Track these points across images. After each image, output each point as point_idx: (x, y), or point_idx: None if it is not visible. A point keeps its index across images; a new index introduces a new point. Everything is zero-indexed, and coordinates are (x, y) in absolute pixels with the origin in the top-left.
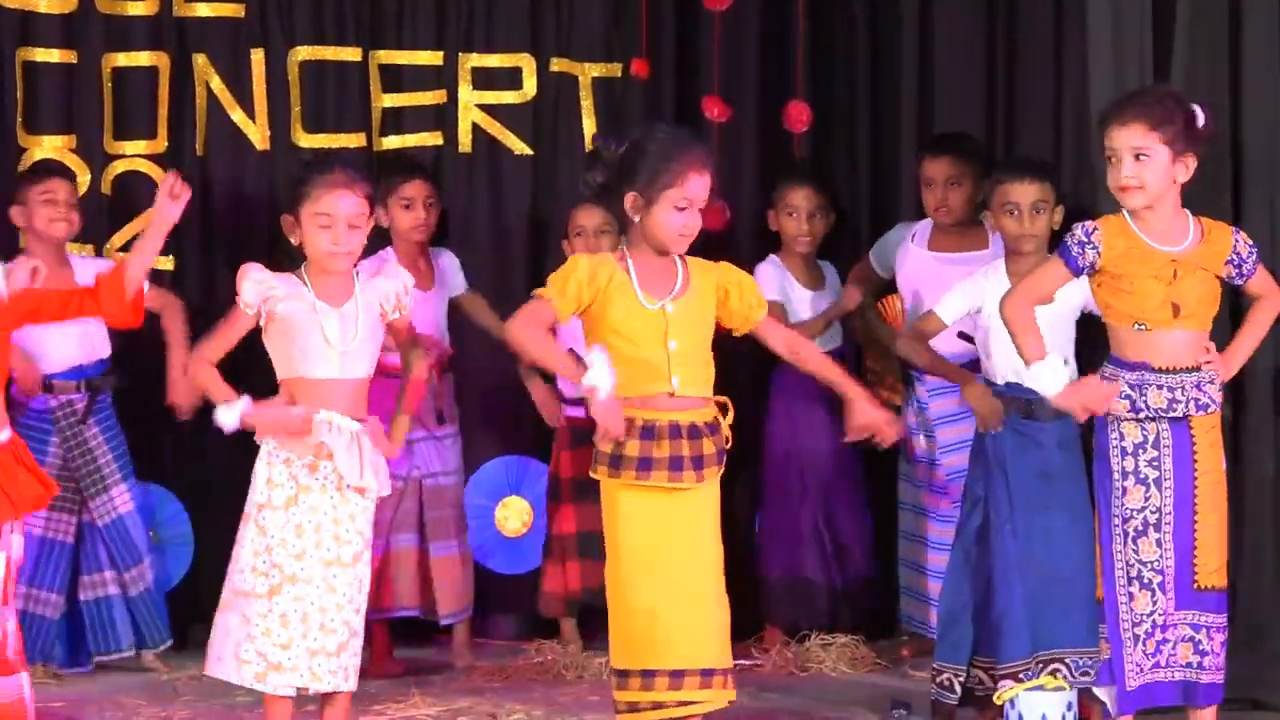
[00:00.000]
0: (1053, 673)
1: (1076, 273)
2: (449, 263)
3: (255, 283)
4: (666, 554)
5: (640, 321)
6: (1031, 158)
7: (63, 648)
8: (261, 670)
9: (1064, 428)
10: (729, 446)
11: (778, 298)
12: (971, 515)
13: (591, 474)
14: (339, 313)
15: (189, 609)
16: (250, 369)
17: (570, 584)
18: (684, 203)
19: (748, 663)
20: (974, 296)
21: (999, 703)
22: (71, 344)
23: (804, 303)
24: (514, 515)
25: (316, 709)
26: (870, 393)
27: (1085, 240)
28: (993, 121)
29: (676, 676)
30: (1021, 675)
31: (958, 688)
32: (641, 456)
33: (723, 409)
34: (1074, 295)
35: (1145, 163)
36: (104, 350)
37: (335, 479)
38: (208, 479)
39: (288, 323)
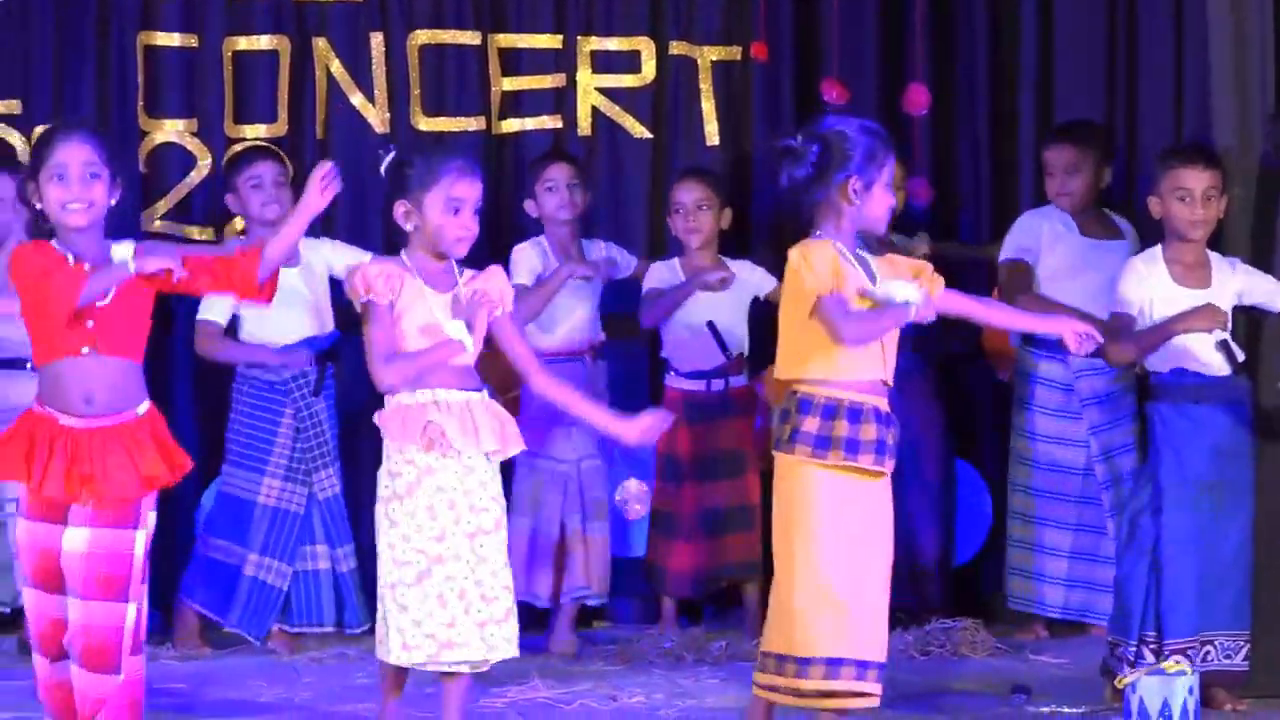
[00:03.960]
0: (1204, 655)
1: None
2: (605, 252)
3: (386, 277)
4: (864, 541)
5: (868, 306)
6: (1203, 144)
7: (244, 611)
8: (434, 651)
9: (1233, 411)
10: None
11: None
12: (1139, 490)
13: (776, 451)
14: (445, 298)
15: None
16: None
17: (699, 563)
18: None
19: None
20: (1143, 286)
21: (1119, 687)
22: (303, 315)
23: None
24: (633, 499)
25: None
26: None
27: None
28: (1114, 106)
29: (862, 667)
30: (1189, 652)
31: (1128, 661)
32: (849, 438)
33: None
34: (1234, 284)
35: None
36: (330, 323)
37: (455, 452)
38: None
39: (400, 308)
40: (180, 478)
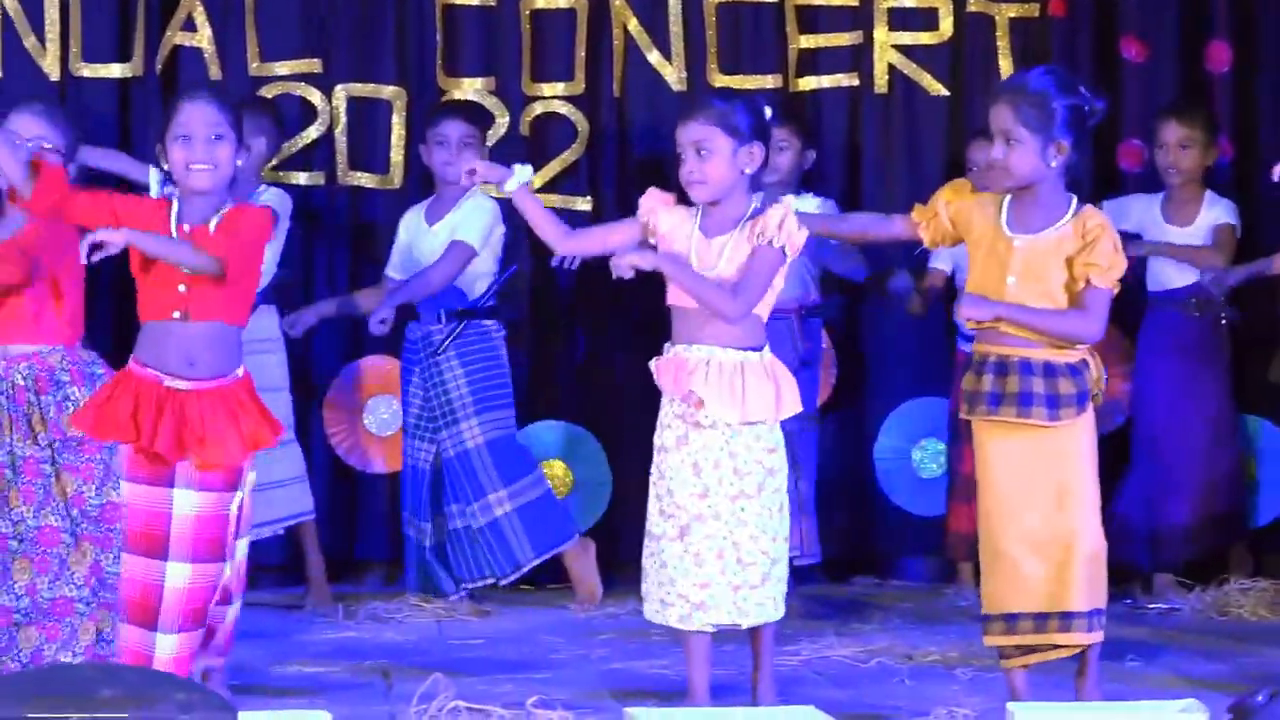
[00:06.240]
0: None
1: None
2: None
3: (654, 200)
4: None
5: None
6: None
7: (410, 569)
8: (686, 611)
9: None
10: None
11: (1132, 229)
12: None
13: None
14: (713, 243)
15: (608, 549)
16: None
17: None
18: None
19: (1165, 607)
20: None
21: None
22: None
23: (1170, 239)
24: (929, 458)
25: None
26: None
27: None
28: None
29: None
30: None
31: None
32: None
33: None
34: None
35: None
36: (469, 287)
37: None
38: (623, 417)
39: (664, 245)
40: (276, 440)
